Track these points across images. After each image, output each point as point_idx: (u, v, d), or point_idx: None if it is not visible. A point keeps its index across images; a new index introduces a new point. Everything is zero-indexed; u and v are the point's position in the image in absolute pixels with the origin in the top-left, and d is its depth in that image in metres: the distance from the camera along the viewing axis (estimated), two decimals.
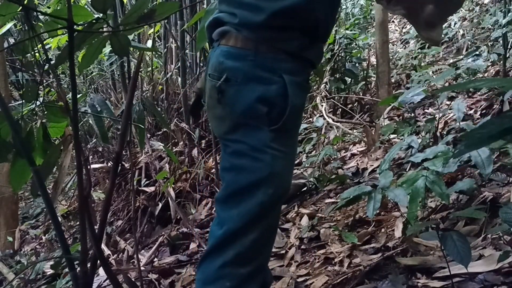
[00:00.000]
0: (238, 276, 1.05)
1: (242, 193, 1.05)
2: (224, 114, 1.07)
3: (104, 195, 3.10)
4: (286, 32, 1.03)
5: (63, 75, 4.58)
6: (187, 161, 3.27)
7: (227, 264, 1.04)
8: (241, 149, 1.06)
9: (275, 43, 1.03)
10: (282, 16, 1.01)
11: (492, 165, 1.65)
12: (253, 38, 1.02)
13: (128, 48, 1.16)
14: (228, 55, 1.04)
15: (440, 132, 2.44)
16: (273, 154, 1.04)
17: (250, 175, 1.04)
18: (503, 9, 2.93)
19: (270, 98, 1.02)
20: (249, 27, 1.02)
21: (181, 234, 2.53)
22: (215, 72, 1.05)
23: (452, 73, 3.07)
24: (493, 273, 1.31)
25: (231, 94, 1.03)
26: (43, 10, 2.75)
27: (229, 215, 1.06)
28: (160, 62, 4.15)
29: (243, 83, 1.02)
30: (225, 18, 1.07)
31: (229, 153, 1.10)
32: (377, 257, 1.65)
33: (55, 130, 1.39)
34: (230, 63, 1.03)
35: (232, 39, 1.04)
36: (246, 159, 1.05)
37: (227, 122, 1.07)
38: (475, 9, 5.78)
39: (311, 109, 3.91)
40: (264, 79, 1.02)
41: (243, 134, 1.05)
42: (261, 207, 1.04)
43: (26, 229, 3.72)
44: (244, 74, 1.02)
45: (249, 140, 1.05)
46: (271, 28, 1.02)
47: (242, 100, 1.03)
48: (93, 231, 1.22)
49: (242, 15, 1.03)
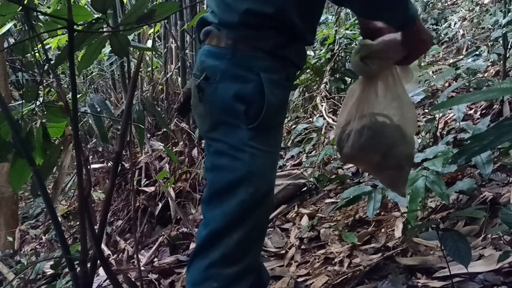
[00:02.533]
0: (225, 276, 1.04)
1: (223, 193, 1.05)
2: (205, 113, 1.08)
3: (104, 195, 3.10)
4: (262, 31, 1.03)
5: (63, 75, 4.58)
6: (187, 161, 3.27)
7: (213, 264, 1.04)
8: (221, 148, 1.06)
9: (252, 41, 1.03)
10: (254, 15, 1.01)
11: (492, 165, 1.65)
12: (232, 37, 1.03)
13: (128, 48, 1.16)
14: (208, 54, 1.06)
15: (440, 132, 2.44)
16: (252, 153, 1.03)
17: (229, 174, 1.04)
18: (503, 9, 2.92)
19: (246, 97, 1.02)
20: (227, 25, 1.04)
21: (181, 234, 2.53)
22: (197, 71, 1.07)
23: (452, 73, 3.07)
24: (493, 273, 1.31)
25: (210, 92, 1.04)
26: (43, 10, 2.75)
27: (212, 215, 1.07)
28: (160, 62, 4.15)
29: (220, 81, 1.03)
30: (209, 17, 1.09)
31: (211, 153, 1.10)
32: (377, 257, 1.65)
33: (55, 130, 1.39)
34: (209, 61, 1.05)
35: (214, 38, 1.06)
36: (226, 158, 1.05)
37: (208, 120, 1.08)
38: (475, 9, 5.78)
39: (311, 109, 3.91)
40: (241, 77, 1.02)
41: (223, 132, 1.06)
42: (242, 206, 1.04)
43: (26, 229, 3.72)
44: (221, 72, 1.03)
45: (228, 139, 1.05)
46: (247, 27, 1.02)
47: (220, 98, 1.04)
48: (93, 231, 1.22)
49: (220, 14, 1.05)
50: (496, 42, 4.01)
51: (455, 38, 5.45)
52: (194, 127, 3.45)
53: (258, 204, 1.08)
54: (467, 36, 5.23)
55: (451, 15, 5.98)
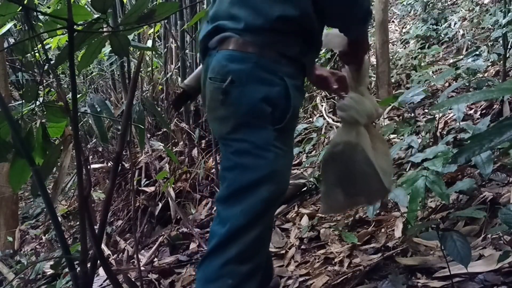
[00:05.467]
0: (239, 273, 1.06)
1: (245, 190, 1.08)
2: (228, 114, 1.10)
3: (104, 195, 3.10)
4: (288, 37, 1.09)
5: (63, 75, 4.58)
6: (187, 161, 3.27)
7: (230, 261, 1.06)
8: (244, 148, 1.09)
9: (278, 47, 1.08)
10: (284, 21, 1.06)
11: (492, 165, 1.65)
12: (257, 42, 1.07)
13: (128, 48, 1.16)
14: (231, 58, 1.08)
15: (440, 132, 2.44)
16: (276, 152, 1.08)
17: (253, 172, 1.08)
18: (503, 9, 2.92)
19: (273, 99, 1.07)
20: (254, 30, 1.07)
21: (181, 234, 2.53)
22: (218, 75, 1.09)
23: (452, 73, 3.07)
24: (493, 273, 1.31)
25: (236, 95, 1.07)
26: (43, 10, 2.75)
27: (232, 213, 1.08)
28: (160, 62, 4.14)
29: (247, 84, 1.07)
30: (227, 24, 1.11)
31: (231, 152, 1.12)
32: (377, 257, 1.65)
33: (54, 130, 1.39)
34: (233, 66, 1.07)
35: (232, 43, 1.09)
36: (250, 157, 1.08)
37: (231, 122, 1.10)
38: (475, 9, 5.78)
39: (311, 109, 3.91)
40: (267, 81, 1.07)
41: (247, 133, 1.09)
42: (264, 203, 1.07)
43: (26, 229, 3.72)
44: (247, 75, 1.06)
45: (252, 139, 1.08)
46: (275, 33, 1.07)
47: (247, 100, 1.07)
48: (93, 231, 1.22)
49: (248, 19, 1.08)
50: (496, 42, 4.01)
51: (455, 38, 5.45)
52: (194, 127, 3.45)
53: (276, 202, 1.14)
54: (467, 36, 5.23)
55: (451, 15, 5.98)
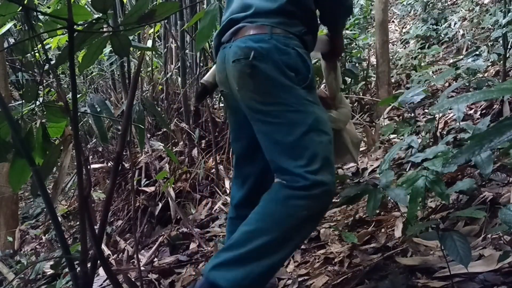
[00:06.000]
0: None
1: (299, 141, 1.23)
2: (258, 85, 1.25)
3: (104, 195, 3.10)
4: (292, 18, 1.29)
5: (63, 75, 4.58)
6: (187, 161, 3.27)
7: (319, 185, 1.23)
8: (283, 109, 1.24)
9: (285, 26, 1.27)
10: (291, 4, 1.27)
11: (492, 165, 1.65)
12: (268, 23, 1.26)
13: (129, 48, 1.16)
14: (247, 41, 1.25)
15: (440, 132, 2.44)
16: (312, 105, 1.27)
17: (301, 125, 1.23)
18: (503, 9, 2.93)
19: (293, 64, 1.25)
20: (263, 13, 1.26)
21: (181, 234, 2.53)
22: (240, 56, 1.25)
23: (452, 73, 3.07)
24: (493, 273, 1.31)
25: (262, 67, 1.23)
26: (43, 10, 2.75)
27: (314, 148, 1.23)
28: (160, 62, 4.14)
29: (269, 56, 1.23)
30: (238, 16, 1.30)
31: (273, 117, 1.26)
32: (377, 257, 1.65)
33: (54, 130, 1.39)
34: (253, 44, 1.24)
35: (245, 31, 1.27)
36: (292, 114, 1.24)
37: (262, 90, 1.26)
38: (475, 9, 5.78)
39: None
40: (284, 50, 1.25)
41: (281, 96, 1.24)
42: (330, 142, 1.28)
43: (26, 229, 3.72)
44: (267, 50, 1.23)
45: (288, 99, 1.24)
46: (281, 14, 1.27)
47: (273, 69, 1.23)
48: (93, 231, 1.22)
49: (259, 4, 1.28)
50: (496, 42, 4.01)
51: (455, 38, 5.46)
52: (194, 127, 3.45)
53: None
54: (467, 36, 5.23)
55: (451, 15, 5.98)
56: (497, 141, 0.59)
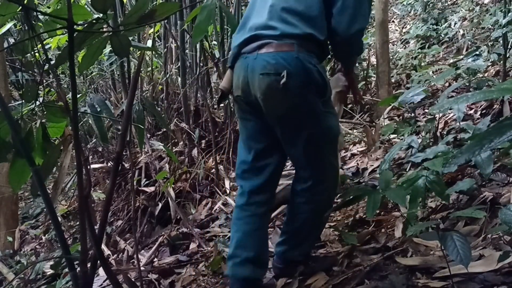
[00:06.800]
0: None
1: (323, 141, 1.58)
2: (286, 98, 1.46)
3: (104, 195, 3.10)
4: (311, 41, 1.49)
5: (63, 75, 4.58)
6: (187, 161, 3.27)
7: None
8: (302, 118, 1.50)
9: (307, 46, 1.48)
10: (313, 37, 1.49)
11: (492, 165, 1.65)
12: (294, 43, 1.45)
13: (129, 48, 1.16)
14: (277, 57, 1.44)
15: (440, 132, 2.44)
16: (331, 113, 1.58)
17: (333, 128, 1.58)
18: (503, 9, 2.92)
19: (315, 79, 1.48)
20: (289, 36, 1.46)
21: (181, 234, 2.53)
22: (270, 71, 1.44)
23: (452, 73, 3.07)
24: (493, 273, 1.31)
25: (291, 84, 1.42)
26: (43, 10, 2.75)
27: (330, 159, 1.63)
28: (160, 62, 4.14)
29: (297, 74, 1.43)
30: (264, 33, 1.48)
31: (296, 124, 1.53)
32: (377, 257, 1.65)
33: (54, 130, 1.38)
34: (283, 62, 1.43)
35: (272, 47, 1.45)
36: (310, 119, 1.51)
37: (289, 103, 1.48)
38: (475, 9, 5.78)
39: None
40: (308, 68, 1.46)
41: (306, 106, 1.49)
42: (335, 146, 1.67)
43: (26, 229, 3.72)
44: (294, 67, 1.43)
45: (313, 108, 1.50)
46: (303, 38, 1.47)
47: (298, 83, 1.44)
48: (93, 231, 1.22)
49: (284, 28, 1.46)
50: (496, 42, 4.01)
51: (455, 38, 5.46)
52: (194, 127, 3.45)
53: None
54: (467, 36, 5.23)
55: (451, 15, 5.98)
56: (497, 141, 0.59)
